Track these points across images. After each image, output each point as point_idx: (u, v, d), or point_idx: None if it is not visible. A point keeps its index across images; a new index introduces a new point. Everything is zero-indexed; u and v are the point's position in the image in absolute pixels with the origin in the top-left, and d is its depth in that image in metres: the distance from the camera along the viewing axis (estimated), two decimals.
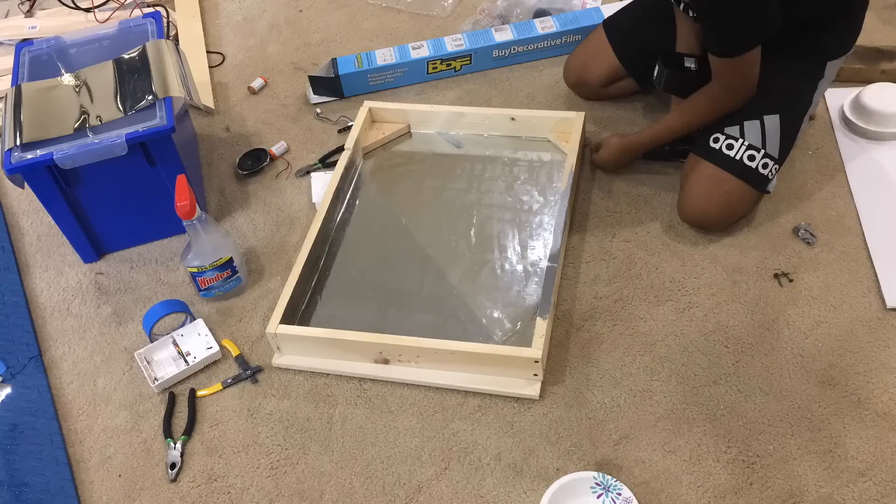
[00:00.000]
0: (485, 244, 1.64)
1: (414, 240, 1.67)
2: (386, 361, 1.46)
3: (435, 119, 1.86)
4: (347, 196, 1.77)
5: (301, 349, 1.50)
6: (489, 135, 1.85)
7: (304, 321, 1.55)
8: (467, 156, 1.83)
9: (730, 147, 1.55)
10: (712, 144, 1.56)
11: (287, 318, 1.50)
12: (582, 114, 1.78)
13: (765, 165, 1.55)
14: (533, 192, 1.72)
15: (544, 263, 1.56)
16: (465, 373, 1.43)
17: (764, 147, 1.54)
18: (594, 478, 1.26)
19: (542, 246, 1.61)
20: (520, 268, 1.59)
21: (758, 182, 1.56)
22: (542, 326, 1.40)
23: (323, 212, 1.67)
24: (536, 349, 1.37)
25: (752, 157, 1.54)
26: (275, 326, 1.48)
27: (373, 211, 1.75)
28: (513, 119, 1.81)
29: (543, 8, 2.18)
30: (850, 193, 1.66)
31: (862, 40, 1.91)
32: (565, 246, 1.60)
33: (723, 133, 1.56)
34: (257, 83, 2.10)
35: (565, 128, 1.78)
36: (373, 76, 2.04)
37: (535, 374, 1.40)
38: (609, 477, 1.26)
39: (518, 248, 1.62)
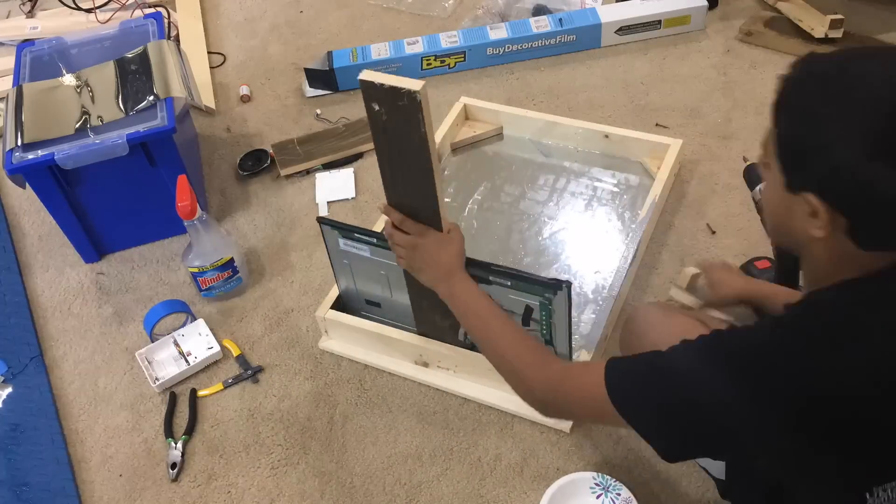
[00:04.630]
0: (550, 261, 1.59)
1: (480, 245, 1.63)
2: (426, 364, 1.46)
3: (528, 125, 1.82)
4: None
5: (347, 337, 1.51)
6: (580, 149, 1.79)
7: (357, 310, 1.54)
8: (554, 166, 1.78)
9: None
10: None
11: (339, 305, 1.51)
12: (679, 141, 1.70)
13: None
14: (612, 216, 1.65)
15: (605, 293, 1.50)
16: (499, 391, 1.39)
17: None
18: (594, 478, 1.27)
19: (609, 274, 1.53)
20: (580, 292, 1.53)
21: None
22: (585, 359, 1.36)
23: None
24: None
25: None
26: (325, 311, 1.49)
27: (448, 210, 1.71)
28: (606, 136, 1.75)
29: (543, 4, 2.19)
30: None
31: (872, 32, 1.94)
32: (632, 278, 1.53)
33: None
34: (243, 90, 2.10)
35: (659, 153, 1.70)
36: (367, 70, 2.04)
37: None
38: (609, 477, 1.26)
39: (583, 272, 1.56)
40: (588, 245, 1.62)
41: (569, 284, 1.21)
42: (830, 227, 0.82)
